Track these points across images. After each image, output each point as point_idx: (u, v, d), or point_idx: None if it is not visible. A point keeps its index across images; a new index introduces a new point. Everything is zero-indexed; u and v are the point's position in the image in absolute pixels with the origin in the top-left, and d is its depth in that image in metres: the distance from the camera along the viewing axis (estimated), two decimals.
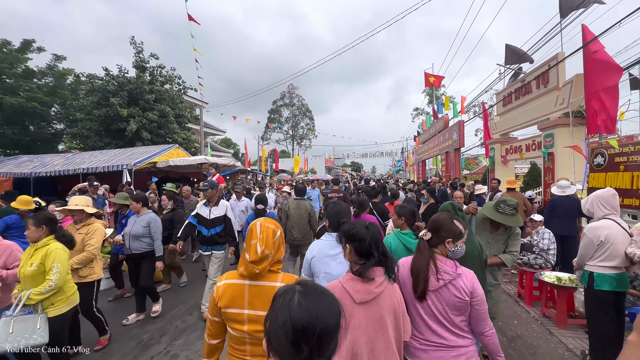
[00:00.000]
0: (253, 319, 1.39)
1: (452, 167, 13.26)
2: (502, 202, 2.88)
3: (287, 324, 0.72)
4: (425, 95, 43.00)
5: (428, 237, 1.69)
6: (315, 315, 0.74)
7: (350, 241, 1.55)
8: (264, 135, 44.64)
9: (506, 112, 9.42)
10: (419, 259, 1.64)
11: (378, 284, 1.46)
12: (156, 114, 15.77)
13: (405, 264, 1.71)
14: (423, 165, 20.25)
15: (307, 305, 0.75)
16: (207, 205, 4.14)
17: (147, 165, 11.47)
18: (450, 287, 1.55)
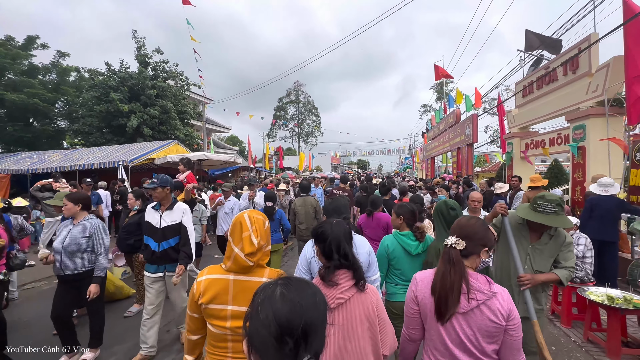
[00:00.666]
0: (237, 314, 1.33)
1: (464, 164, 12.43)
2: (540, 199, 2.15)
3: (269, 317, 0.66)
4: (433, 91, 41.98)
5: (462, 246, 1.34)
6: (300, 305, 0.68)
7: (316, 241, 1.46)
8: (270, 132, 44.09)
9: (526, 103, 8.58)
10: (449, 274, 1.30)
11: (344, 289, 1.33)
12: (157, 109, 15.27)
13: (424, 280, 1.40)
14: (432, 162, 19.38)
15: (290, 296, 0.70)
16: (157, 210, 3.04)
17: (144, 161, 10.95)
18: (484, 309, 1.26)
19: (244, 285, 1.36)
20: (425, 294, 1.36)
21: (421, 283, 1.40)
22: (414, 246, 2.38)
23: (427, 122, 38.78)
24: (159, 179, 2.98)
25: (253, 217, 1.42)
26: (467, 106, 12.20)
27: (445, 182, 10.85)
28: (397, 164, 58.04)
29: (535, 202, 2.16)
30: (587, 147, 6.11)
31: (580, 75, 6.47)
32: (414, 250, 2.37)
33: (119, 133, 15.55)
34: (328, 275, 1.35)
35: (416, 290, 1.40)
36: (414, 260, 2.39)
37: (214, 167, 13.60)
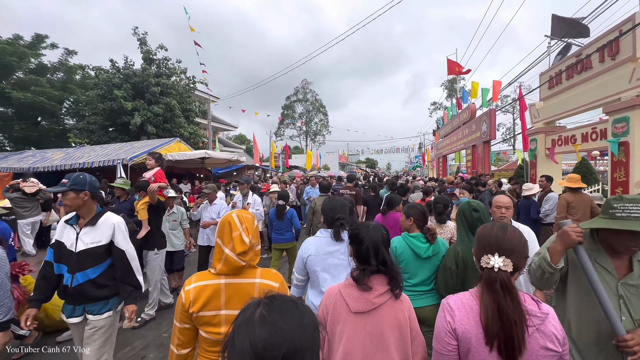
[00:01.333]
0: (231, 319, 1.19)
1: (479, 163, 11.60)
2: (618, 201, 1.40)
3: (244, 344, 0.56)
4: (444, 89, 40.80)
5: (511, 267, 1.06)
6: (281, 329, 0.58)
7: (351, 242, 1.40)
8: (278, 131, 43.62)
9: (553, 95, 7.74)
10: (507, 307, 0.99)
11: (378, 294, 1.26)
12: (162, 107, 14.85)
13: (462, 308, 1.10)
14: (444, 161, 18.51)
15: (270, 318, 0.59)
16: (73, 225, 2.11)
17: (144, 160, 10.48)
18: (538, 336, 1.00)
19: (236, 288, 1.31)
20: (468, 327, 1.08)
21: (459, 312, 1.10)
22: (423, 248, 2.22)
23: (439, 119, 37.74)
24: (70, 178, 2.07)
25: (242, 216, 1.37)
26: (484, 101, 11.35)
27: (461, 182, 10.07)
28: (405, 162, 56.88)
29: (612, 207, 1.44)
30: (632, 143, 5.30)
31: (621, 61, 5.65)
32: (423, 252, 2.21)
33: (123, 131, 15.22)
34: (362, 279, 1.28)
35: (454, 322, 1.10)
36: (424, 264, 2.23)
37: (218, 165, 13.08)
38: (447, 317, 1.12)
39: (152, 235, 3.60)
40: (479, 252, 1.16)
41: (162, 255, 3.73)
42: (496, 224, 1.22)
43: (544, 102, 8.03)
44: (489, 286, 1.06)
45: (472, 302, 1.12)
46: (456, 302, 1.15)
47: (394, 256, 2.26)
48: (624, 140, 5.42)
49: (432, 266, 2.24)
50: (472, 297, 1.13)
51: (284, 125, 43.76)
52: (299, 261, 1.99)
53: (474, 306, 1.10)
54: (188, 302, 1.27)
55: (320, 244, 1.99)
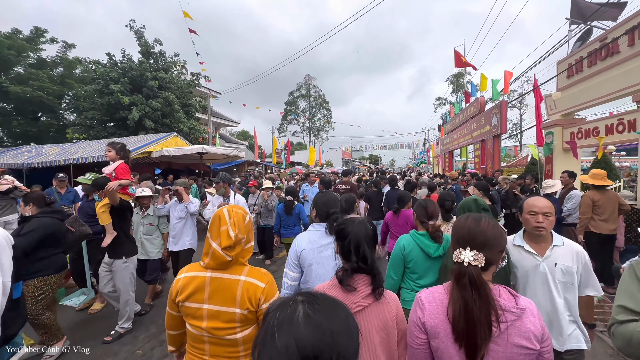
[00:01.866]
0: (212, 314, 1.26)
1: (489, 158, 11.01)
2: None
3: (290, 348, 0.49)
4: (449, 84, 39.91)
5: (482, 262, 1.00)
6: (330, 333, 0.52)
7: (336, 238, 1.34)
8: (281, 127, 43.10)
9: (572, 85, 7.13)
10: (474, 303, 0.96)
11: (363, 296, 1.19)
12: (160, 102, 14.42)
13: (432, 302, 1.09)
14: (450, 156, 17.87)
15: (317, 319, 0.53)
16: None
17: (140, 155, 10.05)
18: (513, 332, 0.95)
19: (220, 283, 1.28)
20: (437, 321, 1.04)
21: (429, 306, 1.07)
22: (433, 247, 2.08)
23: (444, 114, 36.95)
24: None
25: (232, 210, 1.35)
26: (494, 93, 10.73)
27: (464, 178, 9.52)
28: (409, 159, 56.10)
29: None
30: None
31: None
32: (433, 252, 2.07)
33: (122, 127, 14.83)
34: (346, 279, 1.21)
35: (423, 316, 1.07)
36: (434, 264, 2.09)
37: (217, 161, 12.64)
38: (417, 310, 1.10)
39: (118, 242, 3.10)
40: (454, 245, 1.09)
41: (132, 263, 3.24)
42: (471, 215, 1.12)
43: (561, 92, 7.42)
44: (458, 281, 1.02)
45: (443, 297, 1.07)
46: (427, 296, 1.11)
47: (401, 254, 2.12)
48: None
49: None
50: (444, 292, 1.09)
51: (287, 121, 43.22)
52: (292, 257, 1.92)
53: (444, 300, 1.06)
54: (175, 291, 1.30)
55: (313, 237, 1.95)
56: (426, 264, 2.09)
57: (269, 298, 1.28)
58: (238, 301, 1.25)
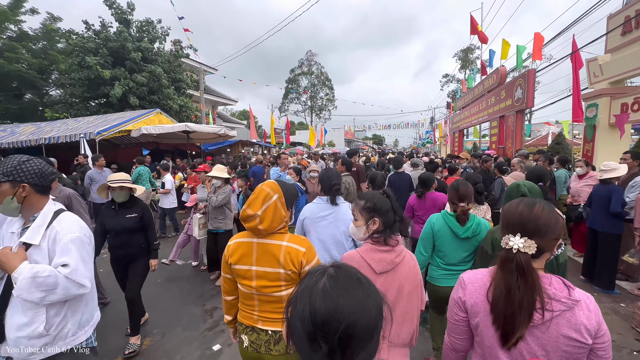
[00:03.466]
0: (261, 274, 1.42)
1: (509, 137, 9.67)
2: None
3: (305, 311, 0.55)
4: (457, 59, 37.55)
5: (534, 249, 0.96)
6: (341, 307, 0.54)
7: (377, 214, 1.47)
8: (282, 106, 41.36)
9: (627, 44, 5.72)
10: (517, 290, 0.95)
11: (398, 254, 1.44)
12: (145, 76, 13.02)
13: (475, 283, 1.09)
14: (460, 135, 16.44)
15: (333, 293, 0.57)
16: None
17: (117, 134, 8.85)
18: (562, 323, 0.93)
19: (265, 248, 1.43)
20: (477, 301, 1.06)
21: (471, 286, 1.09)
22: (462, 229, 2.12)
23: (451, 91, 34.91)
24: None
25: (260, 187, 1.46)
26: (519, 60, 9.23)
27: None
28: (414, 139, 54.27)
29: None
30: None
31: None
32: (462, 233, 2.12)
33: (107, 104, 13.56)
34: (389, 239, 1.44)
35: (464, 295, 1.10)
36: (461, 244, 2.15)
37: (206, 140, 11.43)
38: (459, 290, 1.12)
39: None
40: (503, 231, 1.05)
41: None
42: (524, 200, 1.05)
43: (611, 54, 6.02)
44: (504, 266, 1.00)
45: (485, 279, 1.08)
46: (470, 277, 1.13)
47: (431, 232, 2.20)
48: None
49: (470, 247, 2.15)
50: (487, 274, 1.08)
51: (288, 100, 41.43)
52: (298, 224, 2.30)
53: (486, 282, 1.06)
54: (228, 254, 1.48)
55: (314, 209, 2.24)
56: (454, 244, 2.16)
57: (310, 260, 1.42)
58: (281, 263, 1.40)
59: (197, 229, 4.03)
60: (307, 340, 0.54)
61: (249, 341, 1.46)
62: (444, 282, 2.20)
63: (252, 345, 1.45)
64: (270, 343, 1.43)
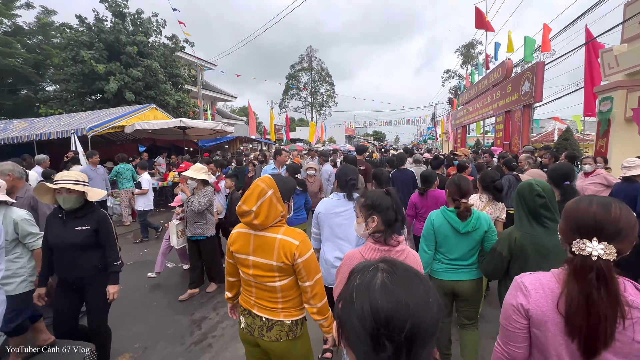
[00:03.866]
0: (256, 264, 1.48)
1: (515, 132, 9.33)
2: None
3: (365, 310, 0.51)
4: (458, 55, 36.97)
5: (614, 256, 0.87)
6: (406, 303, 0.51)
7: (377, 212, 1.48)
8: (282, 102, 40.92)
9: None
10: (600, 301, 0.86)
11: (400, 253, 1.46)
12: (141, 70, 12.66)
13: (539, 289, 0.98)
14: (463, 132, 16.08)
15: (394, 288, 0.53)
16: None
17: (111, 130, 8.54)
18: (637, 329, 0.86)
19: (261, 240, 1.48)
20: (544, 310, 0.94)
21: (535, 293, 0.97)
22: (462, 224, 2.10)
23: (457, 85, 34.38)
24: None
25: (255, 183, 1.48)
26: (527, 52, 8.85)
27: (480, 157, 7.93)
28: (415, 135, 53.78)
29: None
30: None
31: None
32: (462, 228, 2.10)
33: (103, 100, 13.22)
34: (389, 239, 1.45)
35: (528, 303, 0.97)
36: (462, 239, 2.14)
37: (203, 137, 11.11)
38: (519, 296, 0.99)
39: None
40: (569, 234, 0.94)
41: None
42: (594, 198, 0.94)
43: (628, 44, 5.66)
44: (579, 275, 0.88)
45: (552, 285, 0.96)
46: (533, 282, 1.00)
47: (432, 228, 2.18)
48: None
49: (471, 241, 2.14)
50: (554, 280, 0.97)
51: (289, 96, 40.99)
52: (314, 217, 2.34)
53: (554, 289, 0.95)
54: (230, 242, 1.57)
55: (329, 204, 2.26)
56: (455, 239, 2.15)
57: (303, 253, 1.44)
58: (275, 255, 1.44)
59: (175, 237, 3.60)
60: (370, 340, 0.50)
61: (245, 323, 1.55)
62: (446, 275, 2.19)
63: (247, 328, 1.54)
64: (263, 329, 1.49)
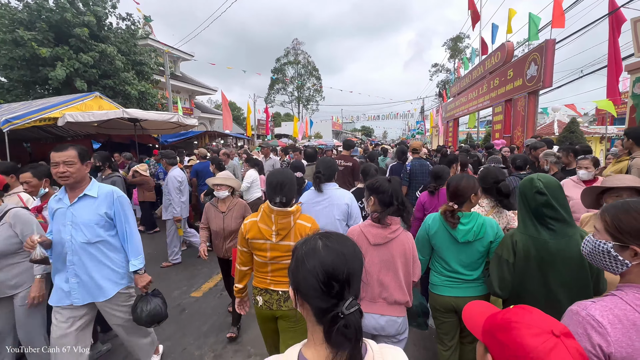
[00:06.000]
0: (274, 247, 1.69)
1: (519, 123, 8.06)
2: None
3: (316, 267, 0.69)
4: (446, 48, 35.87)
5: None
6: (343, 254, 0.72)
7: (374, 193, 1.68)
8: (268, 97, 39.08)
9: None
10: None
11: (392, 231, 1.64)
12: (94, 56, 10.84)
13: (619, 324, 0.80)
14: (455, 125, 14.83)
15: (332, 246, 0.73)
16: None
17: (37, 123, 6.82)
18: None
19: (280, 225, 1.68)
20: (631, 351, 0.75)
21: (614, 331, 0.78)
22: (461, 232, 1.80)
23: (444, 79, 33.24)
24: None
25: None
26: (532, 32, 7.56)
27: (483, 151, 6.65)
28: (403, 130, 52.70)
29: None
30: None
31: None
32: (461, 236, 1.81)
33: (54, 90, 11.34)
34: (383, 218, 1.64)
35: (607, 345, 0.78)
36: (462, 250, 1.84)
37: (164, 131, 9.47)
38: (594, 336, 0.79)
39: None
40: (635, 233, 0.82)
41: None
42: None
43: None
44: None
45: (633, 315, 0.78)
46: (605, 314, 0.80)
47: (426, 234, 1.98)
48: None
49: (474, 252, 1.83)
50: (631, 307, 0.79)
51: (275, 90, 39.18)
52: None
53: (637, 322, 0.78)
54: (245, 230, 1.74)
55: (309, 195, 2.40)
56: (454, 250, 1.87)
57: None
58: (292, 237, 1.68)
59: None
60: (323, 286, 0.66)
61: (263, 301, 1.74)
62: (446, 290, 1.89)
63: (266, 304, 1.73)
64: (281, 301, 1.71)
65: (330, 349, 0.66)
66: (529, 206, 1.56)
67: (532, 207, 1.54)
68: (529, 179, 1.58)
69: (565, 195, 1.56)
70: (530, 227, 1.55)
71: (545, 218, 1.50)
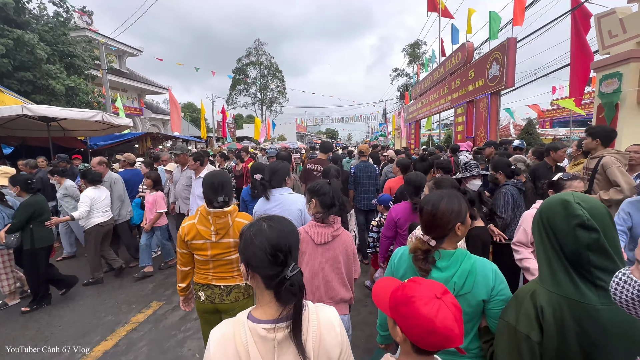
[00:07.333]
0: (215, 245, 1.75)
1: (482, 125, 7.83)
2: None
3: (264, 243, 0.82)
4: (405, 54, 36.71)
5: None
6: (284, 231, 0.86)
7: (316, 196, 1.69)
8: (229, 98, 37.13)
9: None
10: None
11: (335, 229, 1.68)
12: (5, 43, 8.89)
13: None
14: (417, 127, 14.73)
15: (275, 225, 0.86)
16: None
17: None
18: None
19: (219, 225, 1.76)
20: None
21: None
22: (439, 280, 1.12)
23: (404, 83, 33.87)
24: None
25: None
26: (492, 31, 7.38)
27: (460, 151, 6.27)
28: (366, 132, 53.36)
29: None
30: None
31: None
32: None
33: None
34: (326, 218, 1.67)
35: None
36: None
37: (92, 133, 7.92)
38: None
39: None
40: None
41: None
42: None
43: (639, 4, 4.13)
44: None
45: None
46: None
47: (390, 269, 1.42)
48: None
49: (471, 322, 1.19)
50: None
51: (236, 91, 37.35)
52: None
53: None
54: (184, 234, 1.78)
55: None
56: None
57: None
58: (231, 234, 1.75)
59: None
60: (271, 257, 0.80)
61: (205, 296, 1.80)
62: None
63: (208, 299, 1.80)
64: (223, 295, 1.80)
65: (279, 305, 0.81)
66: (559, 247, 0.94)
67: (569, 250, 0.92)
68: (562, 201, 0.95)
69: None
70: (565, 284, 0.93)
71: (592, 269, 0.89)
